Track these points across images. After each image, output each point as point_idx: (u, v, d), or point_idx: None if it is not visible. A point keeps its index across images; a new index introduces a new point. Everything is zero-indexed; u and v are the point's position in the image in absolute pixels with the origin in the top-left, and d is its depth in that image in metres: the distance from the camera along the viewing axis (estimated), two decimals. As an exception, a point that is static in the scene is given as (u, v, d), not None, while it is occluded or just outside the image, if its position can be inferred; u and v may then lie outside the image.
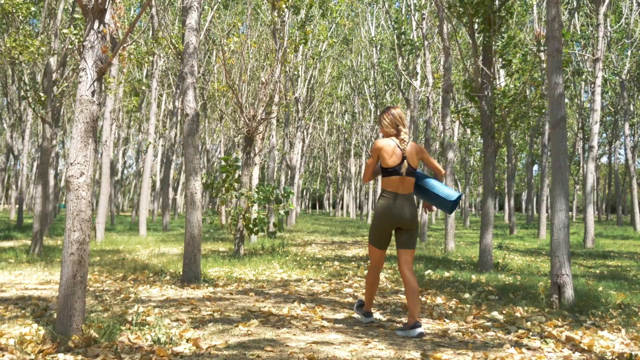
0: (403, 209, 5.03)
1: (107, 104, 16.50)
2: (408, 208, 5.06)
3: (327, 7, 25.09)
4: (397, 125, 5.12)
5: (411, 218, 5.05)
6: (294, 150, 29.60)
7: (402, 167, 5.02)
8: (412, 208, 5.08)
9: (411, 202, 5.11)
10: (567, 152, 6.85)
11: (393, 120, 5.14)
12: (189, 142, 8.15)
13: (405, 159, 5.04)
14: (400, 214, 5.02)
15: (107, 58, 4.65)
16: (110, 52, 4.71)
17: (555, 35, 6.96)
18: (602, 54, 17.39)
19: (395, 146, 5.05)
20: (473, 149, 32.05)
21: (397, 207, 5.02)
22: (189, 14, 8.55)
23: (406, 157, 5.05)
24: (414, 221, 5.08)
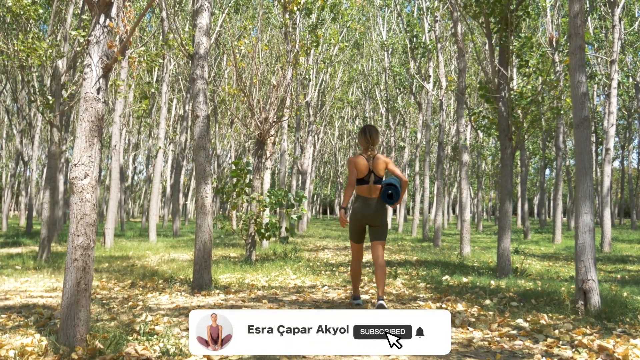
0: (370, 209, 6.29)
1: (117, 108, 16.34)
2: (375, 209, 6.30)
3: (339, 11, 24.89)
4: (368, 142, 6.37)
5: (378, 217, 6.31)
6: (305, 155, 29.38)
7: (369, 177, 6.31)
8: (378, 209, 6.32)
9: (378, 204, 6.33)
10: (592, 152, 6.58)
11: (365, 138, 6.40)
12: (199, 144, 7.93)
13: (372, 171, 6.31)
14: (369, 214, 6.30)
15: (113, 54, 4.44)
16: (118, 51, 4.49)
17: (578, 32, 6.70)
18: (617, 56, 17.07)
19: (364, 160, 6.32)
20: (486, 153, 31.72)
21: (365, 209, 6.30)
22: (199, 14, 8.35)
23: (372, 169, 6.31)
24: (381, 219, 6.34)
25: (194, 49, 8.23)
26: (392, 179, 6.40)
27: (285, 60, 13.89)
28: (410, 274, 9.87)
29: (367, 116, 39.85)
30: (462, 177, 13.99)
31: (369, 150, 6.35)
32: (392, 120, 33.99)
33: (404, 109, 33.71)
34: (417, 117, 30.51)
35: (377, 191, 6.34)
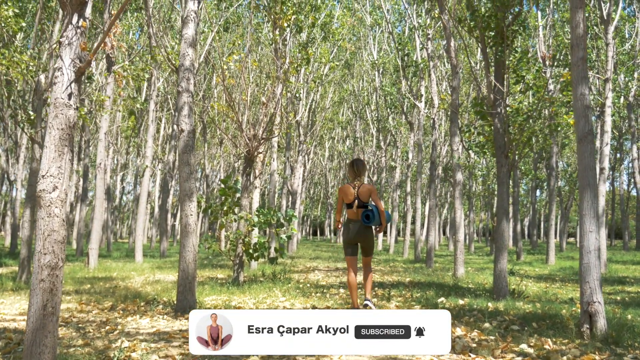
0: (355, 228, 7.44)
1: (103, 125, 15.96)
2: (358, 228, 7.44)
3: (329, 29, 24.70)
4: (355, 174, 7.51)
5: (362, 235, 7.44)
6: (295, 175, 29.03)
7: (354, 203, 7.44)
8: (361, 228, 7.43)
9: (361, 225, 7.43)
10: (595, 168, 6.26)
11: (352, 171, 7.55)
12: (184, 159, 7.58)
13: (357, 197, 7.45)
14: (354, 232, 7.44)
15: (86, 56, 4.09)
16: (92, 53, 4.15)
17: (580, 43, 6.42)
18: (611, 74, 16.90)
19: (351, 189, 7.48)
20: (477, 173, 31.46)
21: (352, 229, 7.45)
22: (185, 25, 8.04)
23: (358, 196, 7.44)
24: (365, 237, 7.45)
25: (179, 61, 7.90)
26: (371, 205, 7.49)
27: (275, 76, 13.60)
28: (404, 296, 9.50)
29: (358, 136, 39.62)
30: (455, 197, 13.67)
31: (356, 180, 7.51)
32: (383, 140, 33.77)
33: (395, 129, 33.49)
34: (409, 137, 30.28)
35: (360, 214, 7.44)
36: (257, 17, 23.40)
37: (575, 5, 6.47)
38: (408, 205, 28.75)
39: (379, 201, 7.53)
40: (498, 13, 9.64)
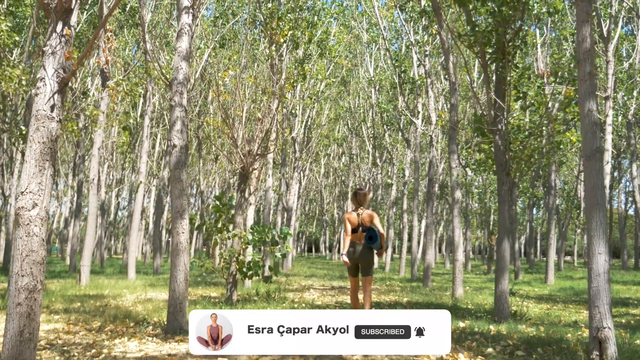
0: (360, 251, 8.00)
1: (96, 141, 15.69)
2: (362, 251, 8.00)
3: (326, 46, 24.59)
4: (358, 202, 8.19)
5: (364, 257, 7.98)
6: (291, 191, 28.79)
7: (358, 228, 8.06)
8: (364, 251, 7.99)
9: (364, 247, 7.99)
10: (604, 187, 6.03)
11: (356, 199, 8.21)
12: (176, 175, 7.32)
13: (360, 223, 8.06)
14: (358, 254, 8.00)
15: (71, 66, 3.85)
16: (77, 62, 3.91)
17: (587, 57, 6.22)
18: (611, 92, 16.76)
19: (355, 215, 8.11)
20: (474, 191, 31.26)
21: (356, 251, 8.02)
22: (179, 38, 7.82)
23: (361, 222, 8.06)
24: (367, 259, 7.99)
25: (172, 75, 7.68)
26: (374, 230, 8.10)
27: (271, 92, 13.39)
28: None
29: (354, 153, 39.41)
30: (454, 215, 13.41)
31: (359, 208, 8.20)
32: (379, 157, 33.55)
33: (391, 146, 33.31)
34: (405, 154, 30.07)
35: (363, 238, 8.05)
36: (253, 33, 23.26)
37: (581, 19, 6.28)
38: (404, 222, 28.50)
39: (379, 225, 8.15)
40: (499, 28, 9.46)
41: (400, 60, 23.25)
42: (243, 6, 25.39)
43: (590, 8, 6.33)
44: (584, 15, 6.29)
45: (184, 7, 7.80)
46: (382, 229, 8.10)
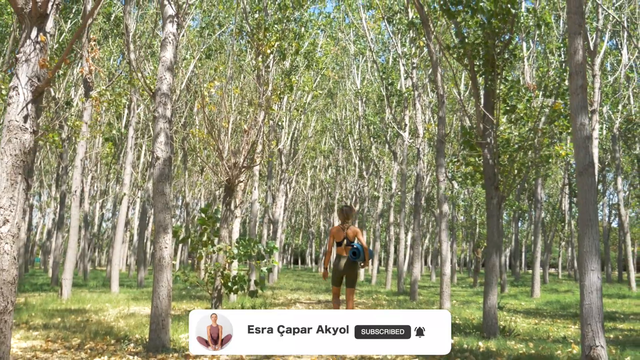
0: (345, 264, 8.79)
1: (79, 152, 15.44)
2: (346, 263, 8.78)
3: (313, 57, 24.49)
4: (344, 218, 8.95)
5: (348, 269, 8.78)
6: (277, 204, 28.59)
7: (343, 241, 8.86)
8: (349, 263, 8.76)
9: (349, 260, 8.75)
10: (596, 202, 5.91)
11: (342, 215, 8.99)
12: (159, 189, 7.14)
13: (345, 237, 8.85)
14: (343, 267, 8.80)
15: (45, 74, 3.67)
16: (51, 71, 3.73)
17: (580, 71, 6.12)
18: (597, 106, 16.77)
19: (340, 230, 8.90)
20: (461, 204, 31.21)
21: (341, 263, 8.80)
22: (163, 48, 7.66)
23: (346, 236, 8.85)
24: (351, 271, 8.79)
25: (156, 85, 7.50)
26: (357, 244, 8.85)
27: (257, 103, 13.24)
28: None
29: (340, 165, 39.28)
30: (441, 229, 13.29)
31: (344, 223, 8.94)
32: (366, 170, 33.46)
33: (378, 158, 33.24)
34: (392, 166, 30.00)
35: (348, 251, 8.79)
36: (240, 44, 23.13)
37: (573, 32, 6.19)
38: (391, 235, 28.37)
39: (363, 240, 9.00)
40: (488, 41, 9.37)
41: (387, 73, 23.20)
42: (230, 17, 25.25)
43: (582, 21, 6.25)
44: (576, 28, 6.20)
45: (168, 16, 7.65)
46: (365, 243, 8.91)
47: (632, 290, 24.82)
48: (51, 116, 16.42)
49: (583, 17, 6.24)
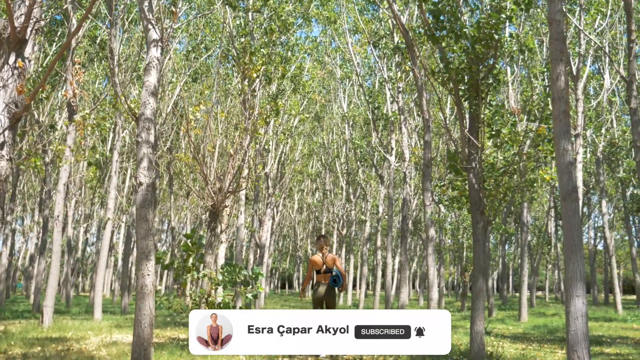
0: (324, 290, 9.47)
1: (62, 176, 15.30)
2: (325, 289, 9.46)
3: (299, 81, 24.53)
4: (322, 246, 9.63)
5: (328, 295, 9.46)
6: (264, 228, 28.44)
7: (322, 269, 9.55)
8: (328, 289, 9.47)
9: (328, 287, 9.45)
10: (581, 227, 5.90)
11: (319, 244, 9.67)
12: (141, 215, 7.05)
13: (324, 264, 9.51)
14: (322, 292, 9.47)
15: (23, 101, 3.61)
16: (29, 97, 3.67)
17: (562, 96, 6.14)
18: (581, 130, 16.89)
19: (319, 258, 9.58)
20: (447, 227, 31.23)
21: (320, 290, 9.49)
22: (147, 72, 7.61)
23: (325, 263, 9.51)
24: (330, 296, 9.48)
25: (140, 110, 7.45)
26: (335, 270, 9.48)
27: (243, 128, 13.20)
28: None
29: (327, 189, 39.27)
30: (428, 254, 13.25)
31: (323, 250, 9.59)
32: (353, 193, 33.46)
33: (365, 182, 33.26)
34: (379, 190, 30.00)
35: (327, 278, 9.51)
36: (226, 68, 23.16)
37: (555, 58, 6.22)
38: (378, 259, 28.29)
39: (341, 267, 9.62)
40: (472, 66, 9.42)
41: (373, 97, 23.30)
42: (216, 40, 25.31)
43: (564, 47, 6.28)
44: (558, 54, 6.23)
45: (152, 40, 7.62)
46: (342, 270, 9.56)
47: (619, 313, 24.83)
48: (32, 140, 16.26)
49: (565, 43, 6.28)
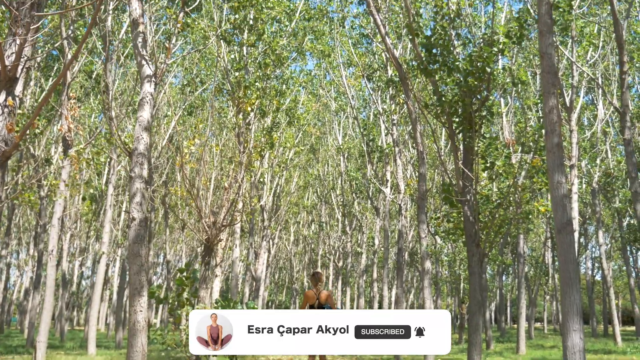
0: None
1: (56, 210, 15.23)
2: None
3: (294, 114, 24.62)
4: (316, 282, 9.92)
5: None
6: (259, 261, 28.26)
7: (315, 304, 9.71)
8: None
9: None
10: (577, 261, 5.86)
11: (314, 280, 9.98)
12: (134, 250, 6.99)
13: (317, 300, 9.70)
14: None
15: (12, 139, 3.59)
16: (19, 135, 3.65)
17: (555, 129, 6.15)
18: (576, 161, 16.93)
19: (313, 293, 9.81)
20: (444, 259, 31.10)
21: None
22: (141, 107, 7.62)
23: (318, 299, 9.69)
24: None
25: (133, 145, 7.44)
26: (327, 306, 9.69)
27: (238, 161, 13.19)
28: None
29: (323, 221, 39.16)
30: (424, 286, 13.13)
31: (317, 286, 9.89)
32: (349, 225, 33.39)
33: (361, 214, 33.22)
34: (374, 222, 29.97)
35: None
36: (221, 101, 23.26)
37: (547, 91, 6.24)
38: (375, 292, 28.11)
39: (334, 304, 10.02)
40: (465, 98, 9.47)
41: (368, 129, 23.36)
42: (211, 74, 25.45)
43: (555, 80, 6.31)
44: (550, 87, 6.26)
45: (146, 76, 7.65)
46: (334, 306, 9.96)
47: (618, 345, 24.65)
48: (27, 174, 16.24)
49: (556, 77, 6.31)
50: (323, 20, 22.51)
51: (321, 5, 22.60)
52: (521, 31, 9.58)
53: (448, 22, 10.17)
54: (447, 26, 10.02)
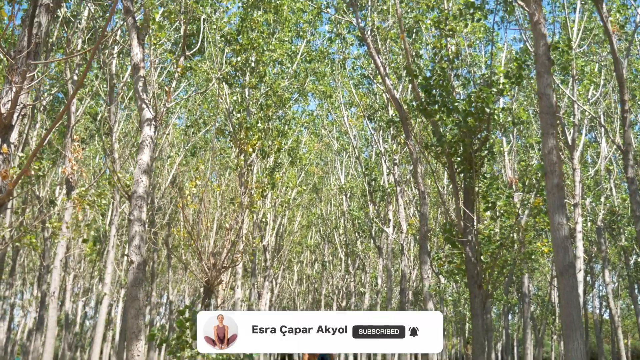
0: None
1: (59, 252, 15.21)
2: None
3: (296, 154, 24.71)
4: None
5: None
6: (262, 301, 28.03)
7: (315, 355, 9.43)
8: None
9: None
10: (580, 304, 5.79)
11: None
12: (132, 294, 6.95)
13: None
14: None
15: (6, 186, 3.58)
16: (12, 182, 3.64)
17: (555, 170, 6.14)
18: (579, 199, 16.88)
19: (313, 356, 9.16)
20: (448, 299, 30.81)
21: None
22: (141, 150, 7.66)
23: None
24: None
25: (132, 188, 7.45)
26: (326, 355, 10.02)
27: (239, 203, 13.18)
28: None
29: (326, 260, 38.97)
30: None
31: None
32: (352, 264, 33.20)
33: (364, 254, 33.06)
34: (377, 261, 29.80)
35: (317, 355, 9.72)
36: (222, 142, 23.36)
37: (546, 132, 6.25)
38: (379, 332, 27.78)
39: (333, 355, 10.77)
40: (465, 139, 9.48)
41: (370, 169, 23.41)
42: (214, 115, 25.62)
43: (554, 120, 6.32)
44: (549, 128, 6.27)
45: (146, 119, 7.70)
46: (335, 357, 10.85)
47: (627, 386, 24.22)
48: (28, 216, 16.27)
49: (555, 117, 6.32)
50: (324, 62, 22.74)
51: (322, 47, 22.83)
52: (520, 72, 9.64)
53: (447, 63, 10.25)
54: (446, 67, 10.09)
